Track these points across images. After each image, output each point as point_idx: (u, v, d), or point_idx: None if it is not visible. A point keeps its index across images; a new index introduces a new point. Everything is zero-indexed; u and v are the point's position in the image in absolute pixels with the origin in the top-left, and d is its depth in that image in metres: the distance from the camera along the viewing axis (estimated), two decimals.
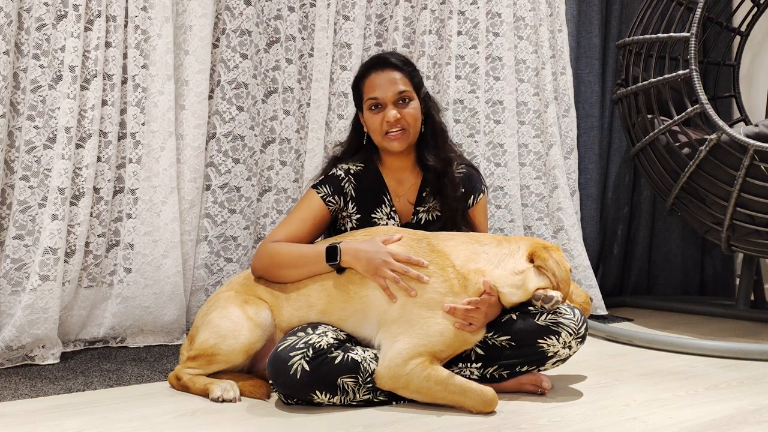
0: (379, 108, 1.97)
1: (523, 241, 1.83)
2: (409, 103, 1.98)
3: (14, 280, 2.18)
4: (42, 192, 2.20)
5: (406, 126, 1.97)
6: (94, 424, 1.57)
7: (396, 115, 1.94)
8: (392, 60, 2.01)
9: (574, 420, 1.62)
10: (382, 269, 1.74)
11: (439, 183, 2.02)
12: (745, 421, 1.63)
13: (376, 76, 1.98)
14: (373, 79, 1.98)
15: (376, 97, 1.96)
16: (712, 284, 3.73)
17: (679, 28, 2.93)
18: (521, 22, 3.07)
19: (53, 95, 2.22)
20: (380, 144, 2.01)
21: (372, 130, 2.00)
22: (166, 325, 2.43)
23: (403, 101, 1.97)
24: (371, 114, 1.99)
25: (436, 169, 2.01)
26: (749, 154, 2.57)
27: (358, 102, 2.05)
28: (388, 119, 1.94)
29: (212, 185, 2.58)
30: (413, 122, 1.98)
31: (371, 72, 1.99)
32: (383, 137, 1.98)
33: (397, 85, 1.96)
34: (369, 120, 2.00)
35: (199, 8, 2.45)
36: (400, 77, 1.98)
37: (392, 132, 1.96)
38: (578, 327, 1.77)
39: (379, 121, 1.96)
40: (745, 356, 2.30)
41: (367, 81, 1.99)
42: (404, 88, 1.97)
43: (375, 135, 2.00)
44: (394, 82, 1.96)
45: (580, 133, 3.29)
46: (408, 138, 1.98)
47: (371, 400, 1.69)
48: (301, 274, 1.85)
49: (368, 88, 1.99)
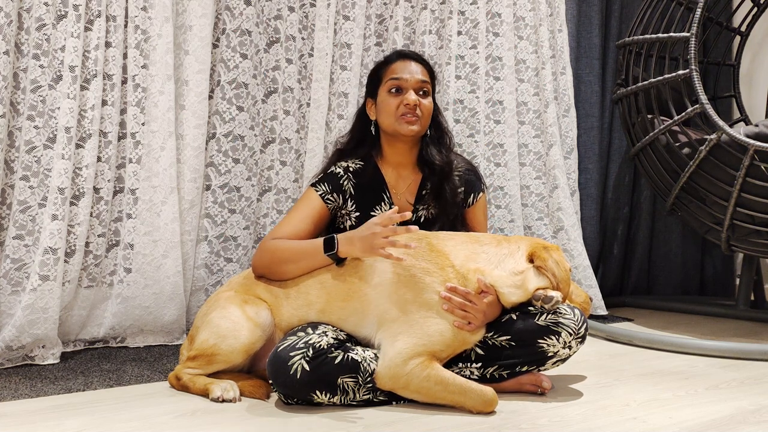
0: (399, 92, 2.01)
1: (523, 241, 1.83)
2: (427, 96, 2.04)
3: (14, 280, 2.18)
4: (42, 192, 2.20)
5: (421, 116, 2.01)
6: (94, 424, 1.57)
7: (416, 100, 1.99)
8: (419, 56, 2.11)
9: (574, 420, 1.62)
10: (375, 241, 1.73)
11: (440, 187, 2.03)
12: (745, 421, 1.63)
13: (403, 63, 2.05)
14: (399, 64, 2.05)
15: (399, 77, 2.02)
16: (712, 284, 3.73)
17: (679, 28, 2.93)
18: (521, 22, 3.07)
19: (53, 95, 2.22)
20: (391, 127, 2.02)
21: (386, 112, 2.02)
22: (166, 325, 2.43)
23: (423, 92, 2.03)
24: (389, 96, 2.02)
25: (441, 170, 2.02)
26: (749, 154, 2.57)
27: (374, 87, 2.08)
28: (407, 101, 1.98)
29: (212, 185, 2.58)
30: (427, 114, 2.04)
31: (398, 59, 2.07)
32: (397, 119, 2.00)
33: (422, 76, 2.03)
34: (385, 102, 2.03)
35: (199, 8, 2.45)
36: (425, 72, 2.06)
37: (409, 115, 1.99)
38: (578, 327, 1.77)
39: (397, 104, 2.00)
40: (745, 356, 2.30)
41: (393, 65, 2.06)
42: (426, 79, 2.04)
43: (388, 117, 2.02)
44: (420, 72, 2.04)
45: (580, 133, 3.29)
46: (420, 127, 2.02)
47: (371, 400, 1.69)
48: (301, 268, 1.85)
49: (392, 70, 2.04)
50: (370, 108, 2.10)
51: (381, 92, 2.05)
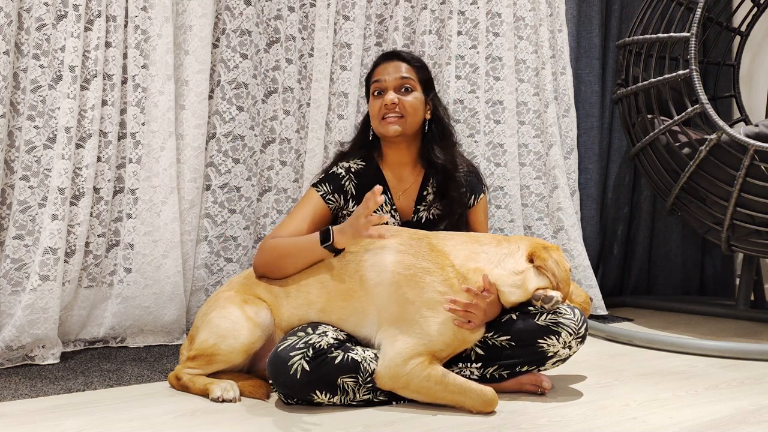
0: (380, 94, 2.03)
1: (523, 241, 1.83)
2: (410, 93, 2.03)
3: (14, 280, 2.18)
4: (42, 192, 2.20)
5: (404, 113, 2.00)
6: (94, 424, 1.57)
7: (394, 99, 1.99)
8: (402, 53, 2.11)
9: (574, 420, 1.62)
10: (360, 225, 1.71)
11: (446, 185, 2.03)
12: (745, 421, 1.63)
13: (384, 65, 2.07)
14: (380, 67, 2.08)
15: (379, 79, 2.03)
16: (712, 284, 3.73)
17: (679, 28, 2.93)
18: (521, 22, 3.07)
19: (53, 95, 2.22)
20: (377, 129, 2.04)
21: (372, 115, 2.05)
22: (166, 325, 2.43)
23: (405, 89, 2.02)
24: (373, 99, 2.05)
25: (445, 169, 2.02)
26: (749, 154, 2.57)
27: (367, 93, 2.12)
28: (385, 102, 1.99)
29: (212, 185, 2.58)
30: (412, 111, 2.01)
31: (381, 62, 2.09)
32: (380, 121, 2.01)
33: (400, 72, 2.03)
34: (370, 106, 2.06)
35: (199, 8, 2.45)
36: (406, 68, 2.05)
37: (389, 116, 1.99)
38: (578, 327, 1.77)
39: (379, 106, 2.02)
40: (745, 356, 2.30)
41: (376, 69, 2.09)
42: (407, 75, 2.03)
43: (373, 121, 2.05)
44: (398, 69, 2.04)
45: (580, 133, 3.29)
46: (404, 126, 2.00)
47: (371, 400, 1.69)
48: (299, 262, 1.86)
49: (375, 74, 2.07)
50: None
51: (370, 98, 2.08)
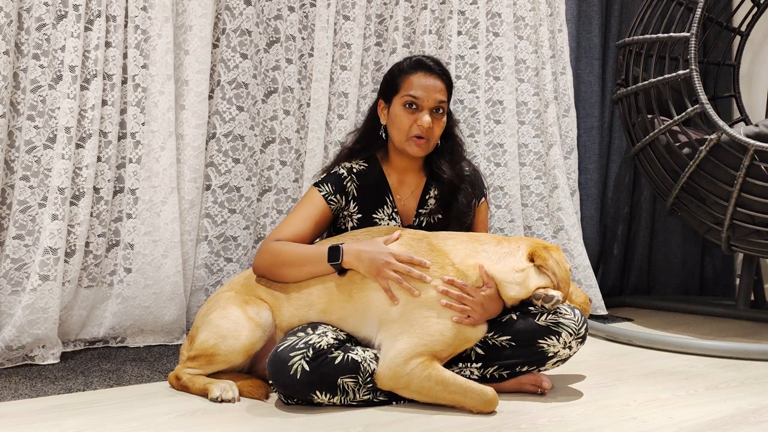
0: (414, 108, 1.96)
1: (523, 241, 1.83)
2: (442, 115, 1.99)
3: (14, 280, 2.18)
4: (42, 192, 2.20)
5: (430, 137, 1.97)
6: (94, 424, 1.57)
7: (429, 122, 1.93)
8: (441, 66, 2.01)
9: (574, 420, 1.62)
10: (384, 270, 1.73)
11: (451, 197, 2.02)
12: (745, 421, 1.63)
13: (424, 77, 1.97)
14: (419, 78, 1.97)
15: (417, 97, 1.95)
16: (712, 284, 3.73)
17: (679, 28, 2.93)
18: (521, 22, 3.07)
19: (53, 95, 2.22)
20: (400, 144, 1.99)
21: (398, 128, 1.98)
22: (166, 325, 2.43)
23: (438, 111, 1.97)
24: (404, 111, 1.96)
25: (450, 183, 2.01)
26: (749, 154, 2.57)
27: (390, 93, 2.01)
28: (421, 124, 1.94)
29: (212, 185, 2.58)
30: (438, 135, 2.00)
31: (419, 71, 1.98)
32: (408, 139, 1.96)
33: (439, 94, 1.96)
34: (398, 116, 1.97)
35: (199, 8, 2.45)
36: (443, 88, 1.99)
37: (420, 139, 1.95)
38: (578, 327, 1.77)
39: (410, 123, 1.95)
40: (745, 356, 2.30)
41: (412, 78, 1.97)
42: (444, 99, 1.98)
43: (399, 134, 1.98)
44: (438, 90, 1.97)
45: (580, 133, 3.29)
46: (428, 148, 1.99)
47: (371, 400, 1.69)
48: (303, 273, 1.84)
49: (410, 85, 1.96)
50: (381, 110, 2.05)
51: (395, 102, 1.99)
